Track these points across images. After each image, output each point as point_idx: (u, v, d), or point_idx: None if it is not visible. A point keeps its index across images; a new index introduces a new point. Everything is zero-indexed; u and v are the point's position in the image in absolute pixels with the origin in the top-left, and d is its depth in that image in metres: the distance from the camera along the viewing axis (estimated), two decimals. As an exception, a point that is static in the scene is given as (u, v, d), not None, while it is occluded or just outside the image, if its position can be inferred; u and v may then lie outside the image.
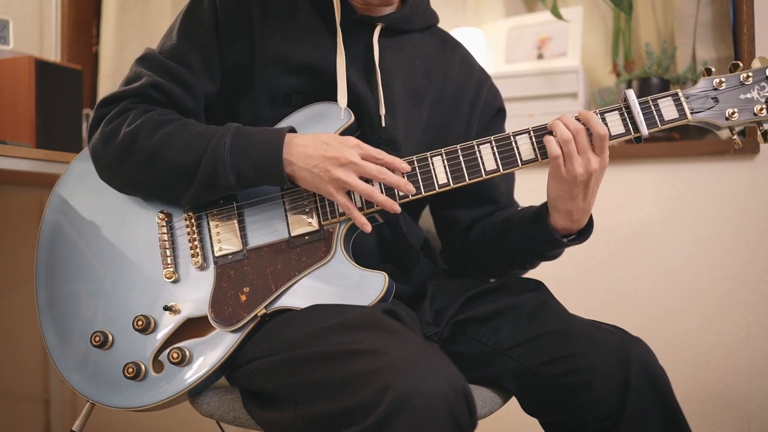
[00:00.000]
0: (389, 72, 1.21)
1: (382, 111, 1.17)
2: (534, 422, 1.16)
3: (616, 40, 2.07)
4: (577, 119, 1.07)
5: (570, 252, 1.23)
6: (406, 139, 1.21)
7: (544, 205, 1.15)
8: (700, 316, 1.87)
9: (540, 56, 2.11)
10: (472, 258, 1.29)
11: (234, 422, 1.09)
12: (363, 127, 1.19)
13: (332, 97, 1.15)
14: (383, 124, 1.18)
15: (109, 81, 2.55)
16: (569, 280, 1.96)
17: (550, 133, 1.08)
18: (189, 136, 1.08)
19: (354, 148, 1.05)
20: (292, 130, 1.11)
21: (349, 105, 1.15)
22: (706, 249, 1.87)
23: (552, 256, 1.21)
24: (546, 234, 1.14)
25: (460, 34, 2.14)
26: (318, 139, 1.07)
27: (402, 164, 1.08)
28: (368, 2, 1.18)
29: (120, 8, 2.56)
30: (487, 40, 2.21)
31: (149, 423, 2.32)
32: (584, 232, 1.16)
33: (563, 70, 2.02)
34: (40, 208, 2.41)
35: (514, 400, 1.18)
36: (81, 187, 1.21)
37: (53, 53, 2.47)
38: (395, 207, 1.07)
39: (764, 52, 1.83)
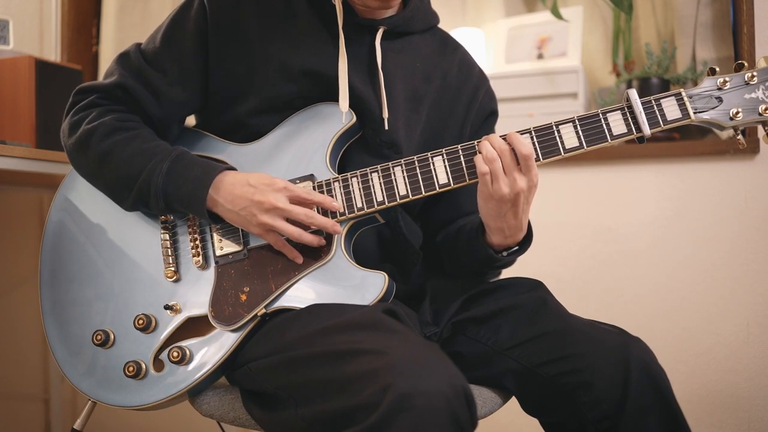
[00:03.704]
0: (391, 75, 1.21)
1: (386, 114, 1.17)
2: (534, 422, 1.16)
3: (616, 40, 2.07)
4: (504, 139, 1.07)
5: (570, 252, 1.24)
6: (406, 141, 1.21)
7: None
8: (700, 316, 1.87)
9: (540, 56, 2.11)
10: (438, 261, 1.30)
11: (234, 422, 1.09)
12: (365, 130, 1.19)
13: (335, 101, 1.15)
14: (386, 127, 1.18)
15: (109, 81, 2.55)
16: (569, 280, 1.96)
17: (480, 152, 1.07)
18: (134, 150, 1.11)
19: (280, 192, 1.06)
20: (231, 168, 1.12)
21: (352, 108, 1.15)
22: (706, 249, 1.87)
23: (500, 266, 1.22)
24: (483, 250, 1.15)
25: (460, 34, 2.13)
26: (246, 180, 1.08)
27: (332, 203, 1.09)
28: (368, 6, 1.18)
29: (120, 8, 2.56)
30: (487, 40, 2.21)
31: (149, 423, 2.32)
32: (524, 244, 1.17)
33: (563, 70, 2.01)
34: (40, 208, 2.41)
35: (514, 400, 1.18)
36: (85, 188, 1.21)
37: (53, 53, 2.47)
38: (321, 242, 1.09)
39: (764, 52, 1.83)
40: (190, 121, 1.30)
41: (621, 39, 2.06)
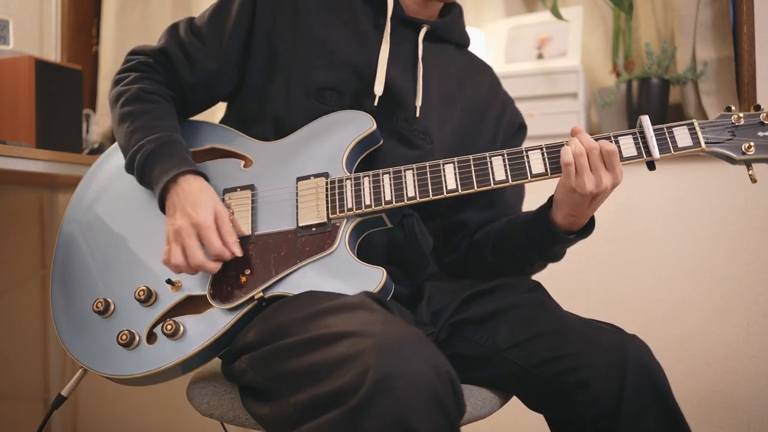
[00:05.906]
0: (428, 72, 1.26)
1: (419, 102, 1.22)
2: (534, 422, 1.16)
3: (616, 40, 2.08)
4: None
5: (570, 251, 1.24)
6: (438, 133, 1.25)
7: (548, 203, 1.17)
8: (700, 316, 1.87)
9: (540, 56, 2.11)
10: (474, 258, 1.30)
11: (234, 422, 1.09)
12: (398, 121, 1.23)
13: (368, 95, 1.20)
14: (417, 115, 1.22)
15: (109, 81, 2.55)
16: (569, 279, 1.96)
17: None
18: (140, 124, 1.18)
19: (211, 216, 1.09)
20: (203, 174, 1.15)
21: (386, 95, 1.21)
22: (706, 249, 1.87)
23: (551, 254, 1.21)
24: (546, 228, 1.16)
25: (460, 34, 2.14)
26: (200, 188, 1.12)
27: (230, 243, 1.10)
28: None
29: (120, 8, 2.57)
30: (487, 40, 2.21)
31: (150, 423, 2.32)
32: (585, 231, 1.17)
33: (563, 70, 2.02)
34: (40, 208, 2.41)
35: (513, 401, 1.18)
36: (101, 180, 1.28)
37: (53, 53, 2.47)
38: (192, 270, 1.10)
39: (764, 52, 1.83)
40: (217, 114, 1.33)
41: (621, 39, 2.06)
